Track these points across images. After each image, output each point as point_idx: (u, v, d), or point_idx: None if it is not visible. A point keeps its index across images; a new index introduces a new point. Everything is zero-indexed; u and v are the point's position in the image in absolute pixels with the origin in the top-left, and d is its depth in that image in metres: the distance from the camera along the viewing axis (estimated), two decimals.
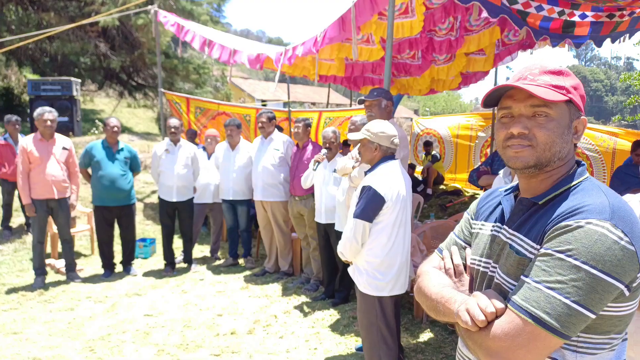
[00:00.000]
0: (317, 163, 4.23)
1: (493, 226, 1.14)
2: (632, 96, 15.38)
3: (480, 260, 1.15)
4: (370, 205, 2.55)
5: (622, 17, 3.89)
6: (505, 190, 1.19)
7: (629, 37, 4.31)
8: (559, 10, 3.69)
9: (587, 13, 3.87)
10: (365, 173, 2.74)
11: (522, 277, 0.97)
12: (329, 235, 4.27)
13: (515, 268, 1.02)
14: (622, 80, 16.18)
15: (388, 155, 2.69)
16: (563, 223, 0.94)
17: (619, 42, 4.35)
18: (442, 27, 4.83)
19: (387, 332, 2.71)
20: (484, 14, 3.56)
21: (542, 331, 0.90)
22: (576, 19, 3.90)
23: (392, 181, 2.60)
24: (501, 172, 3.03)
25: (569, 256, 0.91)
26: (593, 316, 0.91)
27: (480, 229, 1.18)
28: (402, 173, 2.70)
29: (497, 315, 0.96)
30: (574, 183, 1.02)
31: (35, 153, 4.54)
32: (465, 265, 1.20)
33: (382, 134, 2.64)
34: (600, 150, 6.32)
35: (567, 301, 0.89)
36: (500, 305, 0.98)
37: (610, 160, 6.26)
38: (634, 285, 0.93)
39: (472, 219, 1.25)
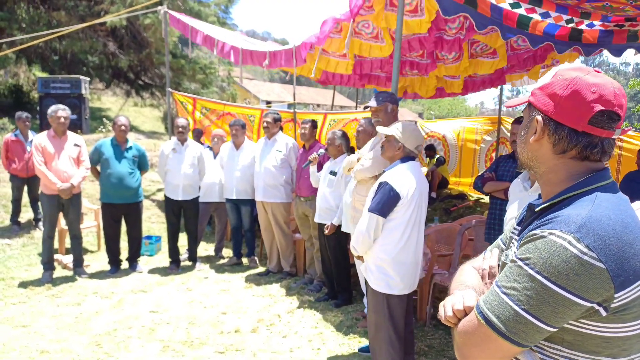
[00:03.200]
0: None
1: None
2: None
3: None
4: (385, 200, 2.61)
5: (635, 27, 3.88)
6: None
7: None
8: (567, 19, 3.69)
9: (595, 22, 3.87)
10: (384, 171, 2.80)
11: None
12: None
13: (501, 271, 1.05)
14: (631, 87, 16.10)
15: (409, 156, 2.77)
16: (532, 232, 0.95)
17: None
18: (452, 26, 4.85)
19: (393, 334, 2.74)
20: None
21: (493, 334, 0.93)
22: (583, 27, 3.91)
23: (409, 180, 2.65)
24: (521, 175, 3.06)
25: (526, 265, 0.91)
26: (548, 328, 0.90)
27: (513, 232, 1.19)
28: (419, 174, 2.75)
29: (467, 313, 1.02)
30: (575, 193, 0.99)
31: (48, 149, 4.63)
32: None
33: (410, 137, 2.73)
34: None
35: (517, 308, 0.90)
36: (469, 303, 1.02)
37: (615, 166, 6.25)
38: (614, 306, 0.88)
39: (516, 222, 1.23)
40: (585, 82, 0.98)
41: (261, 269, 5.36)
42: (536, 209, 1.04)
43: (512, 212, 2.85)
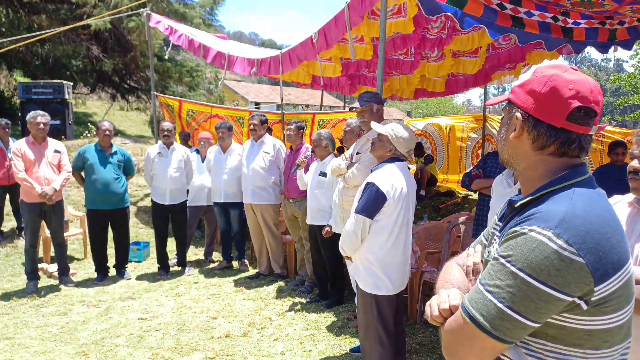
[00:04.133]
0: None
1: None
2: (621, 97, 15.62)
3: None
4: (371, 201, 2.59)
5: (612, 26, 3.94)
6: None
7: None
8: (551, 16, 3.71)
9: (579, 21, 3.91)
10: (372, 170, 2.78)
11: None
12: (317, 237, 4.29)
13: (484, 268, 1.05)
14: (612, 82, 16.41)
15: (397, 158, 2.75)
16: (513, 229, 0.96)
17: (628, 49, 4.37)
18: (434, 25, 4.87)
19: (383, 333, 2.73)
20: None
21: (478, 332, 0.93)
22: (571, 25, 3.94)
23: (396, 180, 2.63)
24: (504, 171, 3.08)
25: (509, 262, 0.92)
26: (532, 324, 0.91)
27: (494, 228, 1.19)
28: (406, 175, 2.73)
29: (453, 312, 1.02)
30: (554, 188, 0.99)
31: (28, 156, 4.53)
32: None
33: (403, 141, 2.71)
34: (589, 151, 6.37)
35: (501, 305, 0.91)
36: (454, 302, 1.03)
37: (598, 160, 6.34)
38: (594, 299, 0.90)
39: (497, 218, 1.24)
40: (563, 79, 0.99)
41: (252, 272, 5.32)
42: (516, 205, 1.06)
43: (496, 208, 2.87)
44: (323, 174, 4.14)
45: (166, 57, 7.92)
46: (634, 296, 0.99)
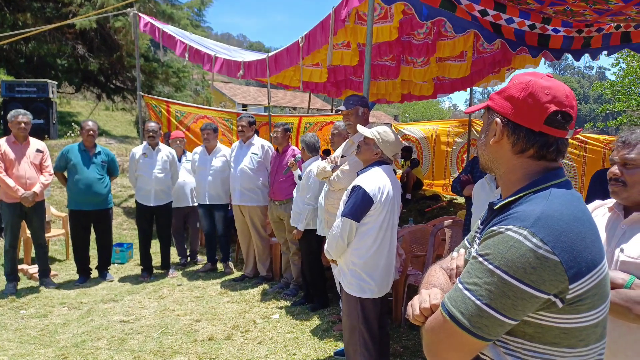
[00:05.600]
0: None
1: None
2: (603, 104, 15.98)
3: None
4: (358, 204, 2.60)
5: (590, 34, 4.07)
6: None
7: (607, 55, 4.44)
8: (529, 24, 3.81)
9: (559, 28, 4.03)
10: (358, 173, 2.79)
11: None
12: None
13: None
14: (594, 89, 16.79)
15: (384, 161, 2.76)
16: (491, 228, 0.99)
17: (597, 58, 4.51)
18: (420, 31, 4.93)
19: (368, 336, 2.74)
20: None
21: (458, 329, 0.95)
22: (550, 32, 4.06)
23: (382, 184, 2.65)
24: (487, 175, 3.13)
25: (486, 260, 0.94)
26: (509, 321, 0.93)
27: (476, 232, 1.22)
28: (392, 178, 2.75)
29: (433, 311, 1.04)
30: (531, 190, 1.03)
31: (9, 155, 4.45)
32: None
33: (389, 145, 2.73)
34: (572, 157, 6.51)
35: (479, 303, 0.93)
36: (435, 302, 1.05)
37: (581, 167, 6.46)
38: (569, 297, 0.92)
39: (480, 222, 1.26)
40: (540, 85, 1.04)
41: (236, 275, 5.29)
42: (495, 207, 1.08)
43: (478, 212, 2.91)
44: (300, 177, 4.18)
45: (162, 58, 7.85)
46: (609, 296, 1.02)
